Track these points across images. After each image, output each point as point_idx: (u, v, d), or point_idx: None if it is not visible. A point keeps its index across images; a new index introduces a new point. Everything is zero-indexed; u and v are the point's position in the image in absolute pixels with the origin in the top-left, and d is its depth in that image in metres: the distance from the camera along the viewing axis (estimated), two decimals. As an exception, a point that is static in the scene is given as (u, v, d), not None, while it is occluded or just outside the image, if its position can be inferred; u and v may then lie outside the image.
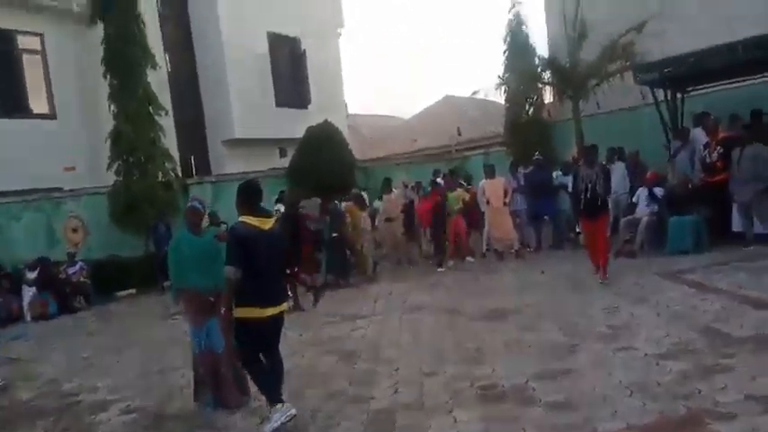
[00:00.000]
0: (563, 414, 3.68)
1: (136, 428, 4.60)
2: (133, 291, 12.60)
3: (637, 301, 6.27)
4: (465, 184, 11.89)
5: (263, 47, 17.61)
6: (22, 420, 5.13)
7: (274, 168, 16.30)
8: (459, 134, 18.82)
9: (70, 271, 11.68)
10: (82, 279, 11.76)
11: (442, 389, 4.47)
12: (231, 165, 16.70)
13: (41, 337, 9.22)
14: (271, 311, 4.15)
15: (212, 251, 4.72)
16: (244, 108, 16.76)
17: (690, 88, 11.71)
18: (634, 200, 9.61)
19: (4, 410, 5.51)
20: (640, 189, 9.53)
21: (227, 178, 14.92)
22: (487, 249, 11.15)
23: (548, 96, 16.58)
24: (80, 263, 11.92)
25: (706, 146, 9.36)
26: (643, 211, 9.23)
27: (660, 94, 11.29)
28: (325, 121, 15.75)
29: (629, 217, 9.36)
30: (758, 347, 4.34)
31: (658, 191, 9.28)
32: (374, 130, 24.39)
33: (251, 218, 4.14)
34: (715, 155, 9.03)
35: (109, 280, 12.41)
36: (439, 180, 12.88)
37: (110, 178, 13.57)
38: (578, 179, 7.46)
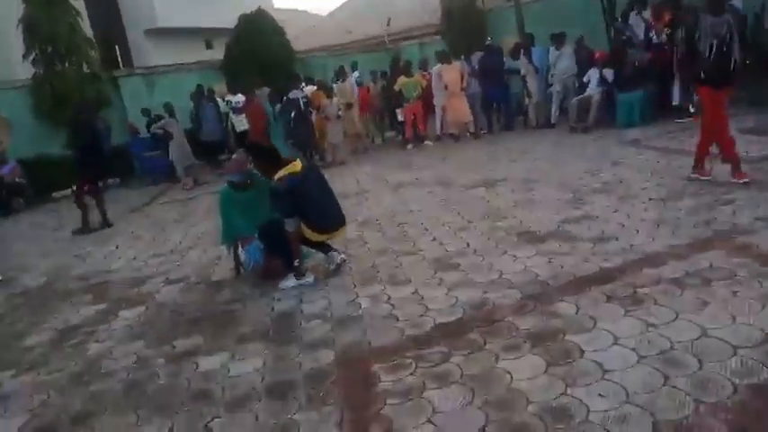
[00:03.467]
0: (609, 243, 4.25)
1: (194, 292, 4.70)
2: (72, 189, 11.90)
3: (614, 164, 6.94)
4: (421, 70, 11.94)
5: None
6: (55, 301, 5.02)
7: (203, 61, 15.42)
8: (389, 24, 18.50)
9: (2, 171, 10.76)
10: (17, 179, 10.91)
11: (482, 238, 4.90)
12: (157, 57, 15.56)
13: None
14: (334, 235, 4.59)
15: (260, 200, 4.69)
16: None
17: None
18: (585, 80, 10.21)
19: (23, 296, 5.33)
20: (591, 70, 10.13)
21: (158, 71, 13.98)
22: (442, 133, 11.56)
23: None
24: (12, 162, 10.99)
25: (646, 29, 10.10)
26: (594, 90, 9.90)
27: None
28: (259, 8, 14.97)
29: (581, 96, 10.00)
30: (746, 187, 5.09)
31: (608, 73, 9.93)
32: (297, 27, 23.28)
33: (283, 169, 4.31)
34: (663, 36, 9.79)
35: (43, 180, 11.61)
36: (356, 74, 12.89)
37: (24, 71, 12.27)
38: (699, 33, 5.27)
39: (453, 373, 2.81)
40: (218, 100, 12.37)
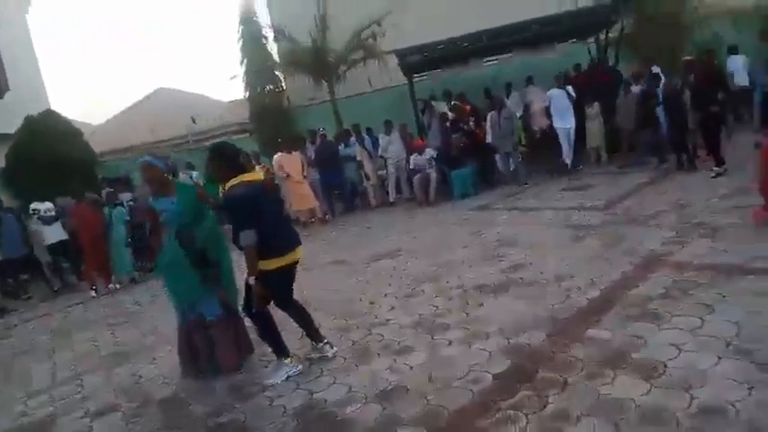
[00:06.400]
0: (570, 281, 4.63)
1: (149, 418, 3.75)
2: None
3: (488, 225, 7.61)
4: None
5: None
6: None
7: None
8: (194, 122, 18.00)
9: None
10: None
11: (443, 299, 4.89)
12: None
13: None
14: (293, 257, 4.02)
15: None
16: None
17: (416, 74, 13.97)
18: (411, 166, 11.07)
19: None
20: (414, 155, 11.04)
21: None
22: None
23: (285, 84, 17.50)
24: None
25: (454, 118, 11.71)
26: (429, 169, 10.84)
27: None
28: (49, 109, 13.42)
29: (419, 175, 10.84)
30: (609, 227, 6.08)
31: (430, 152, 11.01)
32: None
33: (243, 176, 3.91)
34: (471, 123, 11.39)
35: None
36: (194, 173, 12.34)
37: None
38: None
39: (569, 412, 2.74)
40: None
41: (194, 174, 12.18)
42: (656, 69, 10.47)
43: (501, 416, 2.82)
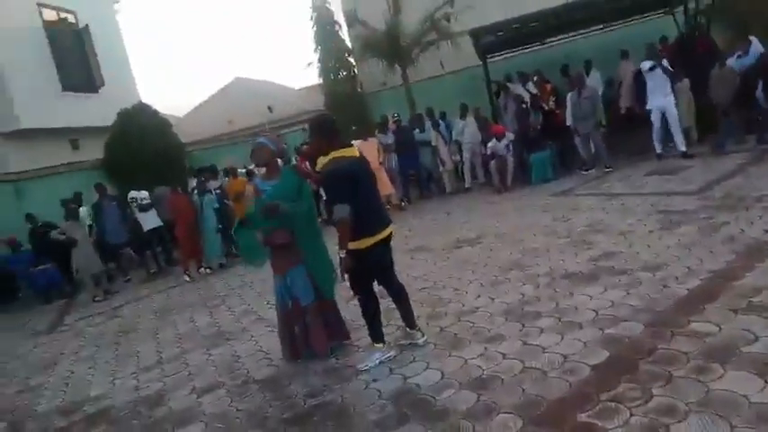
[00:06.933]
0: (665, 271, 4.46)
1: (254, 395, 3.98)
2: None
3: (572, 210, 7.44)
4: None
5: (36, 20, 14.77)
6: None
7: (75, 162, 14.01)
8: (271, 111, 18.58)
9: None
10: None
11: (530, 287, 4.86)
12: (16, 163, 13.66)
13: None
14: (386, 233, 4.04)
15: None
16: (26, 92, 13.83)
17: (489, 55, 13.63)
18: (488, 152, 10.89)
19: None
20: (493, 141, 10.83)
21: (28, 176, 12.38)
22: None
23: (357, 69, 17.66)
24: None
25: (533, 98, 11.40)
26: (506, 153, 10.67)
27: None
28: (141, 102, 14.21)
29: (496, 160, 10.68)
30: (705, 213, 5.77)
31: (510, 136, 10.80)
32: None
33: (342, 150, 3.93)
34: (552, 103, 11.08)
35: None
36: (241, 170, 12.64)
37: None
38: None
39: (676, 407, 2.67)
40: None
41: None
42: (753, 39, 9.77)
43: (602, 408, 2.79)
